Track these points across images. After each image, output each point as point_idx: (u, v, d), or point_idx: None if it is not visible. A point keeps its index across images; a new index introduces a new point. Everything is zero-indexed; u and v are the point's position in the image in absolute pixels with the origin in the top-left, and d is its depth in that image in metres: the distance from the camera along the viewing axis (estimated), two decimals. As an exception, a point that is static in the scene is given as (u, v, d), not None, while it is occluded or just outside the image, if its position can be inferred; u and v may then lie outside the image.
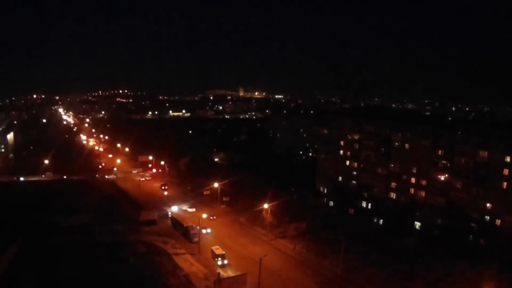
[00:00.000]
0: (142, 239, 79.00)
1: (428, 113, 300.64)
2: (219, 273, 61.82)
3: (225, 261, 66.83)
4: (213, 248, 69.46)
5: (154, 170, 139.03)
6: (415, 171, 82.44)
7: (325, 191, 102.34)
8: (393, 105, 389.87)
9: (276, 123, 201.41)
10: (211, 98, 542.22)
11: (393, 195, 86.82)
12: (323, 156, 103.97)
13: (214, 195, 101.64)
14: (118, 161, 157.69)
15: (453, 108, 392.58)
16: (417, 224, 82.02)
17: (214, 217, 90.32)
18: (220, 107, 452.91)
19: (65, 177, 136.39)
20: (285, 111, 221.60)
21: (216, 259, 67.11)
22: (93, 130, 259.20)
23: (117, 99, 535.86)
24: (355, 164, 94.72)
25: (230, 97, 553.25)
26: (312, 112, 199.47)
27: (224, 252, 67.89)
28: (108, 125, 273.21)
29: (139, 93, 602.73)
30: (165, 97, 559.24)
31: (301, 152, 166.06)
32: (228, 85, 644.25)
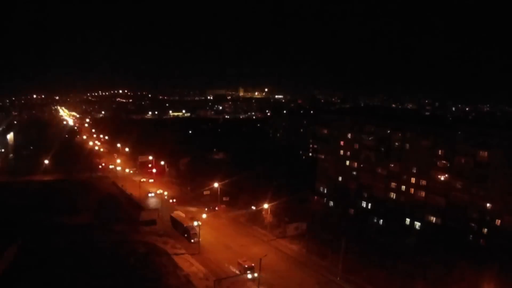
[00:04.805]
0: (142, 239, 79.00)
1: (428, 113, 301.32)
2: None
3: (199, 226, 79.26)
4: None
5: (154, 170, 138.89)
6: (415, 171, 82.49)
7: (325, 191, 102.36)
8: (393, 105, 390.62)
9: (276, 123, 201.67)
10: (211, 98, 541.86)
11: (393, 195, 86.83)
12: (323, 156, 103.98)
13: (214, 195, 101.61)
14: (118, 161, 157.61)
15: (453, 108, 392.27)
16: (417, 224, 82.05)
17: (174, 200, 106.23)
18: (220, 107, 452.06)
19: (65, 177, 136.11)
20: (285, 111, 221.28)
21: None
22: (93, 130, 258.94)
23: (117, 99, 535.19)
24: (355, 164, 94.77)
25: (230, 97, 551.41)
26: (312, 112, 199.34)
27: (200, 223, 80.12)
28: (108, 125, 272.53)
29: (139, 93, 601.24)
30: (165, 97, 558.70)
31: (301, 152, 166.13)
32: (228, 85, 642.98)
